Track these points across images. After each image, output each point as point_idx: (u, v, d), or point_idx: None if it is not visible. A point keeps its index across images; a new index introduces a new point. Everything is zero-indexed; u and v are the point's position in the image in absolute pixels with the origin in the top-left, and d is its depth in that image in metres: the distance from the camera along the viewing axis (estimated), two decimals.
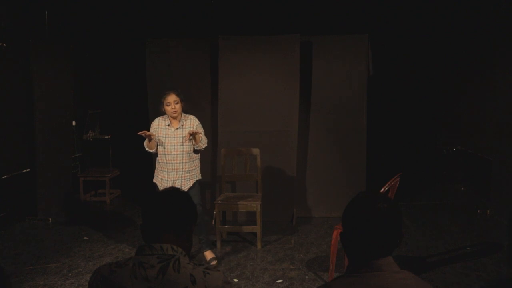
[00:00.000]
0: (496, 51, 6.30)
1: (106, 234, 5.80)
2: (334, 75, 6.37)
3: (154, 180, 4.91)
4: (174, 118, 4.74)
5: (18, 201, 6.15)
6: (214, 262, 4.88)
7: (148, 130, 4.85)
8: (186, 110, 4.91)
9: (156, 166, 4.88)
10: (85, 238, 5.68)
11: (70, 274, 4.65)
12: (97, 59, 7.68)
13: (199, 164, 4.96)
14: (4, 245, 5.46)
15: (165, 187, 4.62)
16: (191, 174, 4.83)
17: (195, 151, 4.85)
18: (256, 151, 5.67)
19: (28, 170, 6.31)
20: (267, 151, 6.07)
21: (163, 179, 4.79)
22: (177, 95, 4.71)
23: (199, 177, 4.94)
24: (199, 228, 4.96)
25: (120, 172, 7.59)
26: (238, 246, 5.43)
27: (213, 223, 5.77)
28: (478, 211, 6.46)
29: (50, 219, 6.31)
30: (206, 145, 4.86)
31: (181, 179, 4.76)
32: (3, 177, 5.91)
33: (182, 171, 4.75)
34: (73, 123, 7.22)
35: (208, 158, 6.55)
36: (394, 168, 5.41)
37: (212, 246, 5.19)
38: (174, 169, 4.73)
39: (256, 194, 5.65)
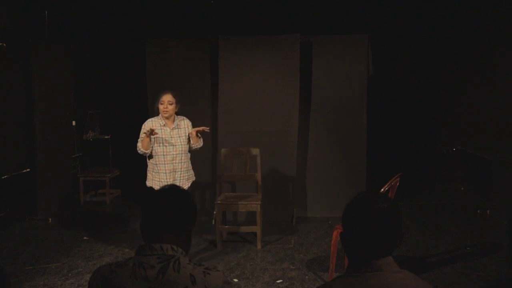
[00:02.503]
0: (496, 51, 6.30)
1: (106, 234, 5.80)
2: (334, 75, 6.37)
3: (149, 184, 4.79)
4: (167, 118, 4.71)
5: (18, 201, 6.15)
6: None
7: (140, 131, 4.79)
8: (181, 112, 4.90)
9: (150, 168, 4.78)
10: (85, 238, 5.68)
11: (70, 274, 4.65)
12: (97, 59, 7.67)
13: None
14: (4, 245, 5.46)
15: None
16: (188, 174, 4.86)
17: (189, 151, 4.85)
18: (256, 151, 5.67)
19: (28, 170, 6.31)
20: (267, 151, 6.07)
21: (161, 180, 4.71)
22: (173, 96, 4.72)
23: (194, 178, 4.97)
24: None
25: (120, 172, 7.59)
26: (238, 246, 5.43)
27: (213, 223, 5.77)
28: (478, 211, 6.46)
29: (50, 219, 6.31)
30: (202, 144, 4.88)
31: (180, 179, 4.76)
32: (3, 177, 5.91)
33: (181, 171, 4.75)
34: (73, 123, 7.22)
35: (208, 158, 6.55)
36: (394, 168, 5.41)
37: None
38: (174, 169, 4.70)
39: (256, 194, 5.65)
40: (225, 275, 1.77)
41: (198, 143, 4.80)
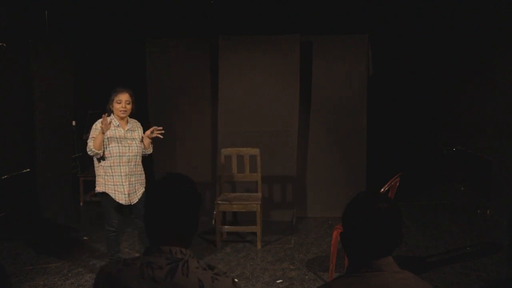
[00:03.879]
0: (496, 51, 6.30)
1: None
2: (334, 75, 6.37)
3: (101, 189, 4.39)
4: (121, 118, 4.42)
5: (18, 201, 6.15)
6: None
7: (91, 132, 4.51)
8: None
9: (102, 172, 4.38)
10: (85, 238, 5.68)
11: (70, 274, 4.65)
12: (97, 59, 7.67)
13: None
14: (4, 245, 5.46)
15: (122, 192, 4.30)
16: (141, 178, 4.53)
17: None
18: (256, 151, 5.66)
19: (28, 170, 6.31)
20: (267, 151, 6.07)
21: (117, 184, 4.35)
22: (131, 95, 4.45)
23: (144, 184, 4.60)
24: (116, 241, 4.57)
25: None
26: (238, 246, 5.43)
27: (213, 223, 5.77)
28: (478, 211, 6.46)
29: (50, 219, 6.30)
30: (152, 151, 4.62)
31: (135, 183, 4.42)
32: (3, 177, 5.91)
33: (135, 174, 4.43)
34: (73, 123, 7.22)
35: (208, 158, 6.55)
36: (394, 168, 5.41)
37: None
38: (129, 172, 4.37)
39: (256, 194, 5.65)
40: (234, 281, 1.76)
41: (148, 149, 4.52)
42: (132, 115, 4.56)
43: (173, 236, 1.75)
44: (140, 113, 6.84)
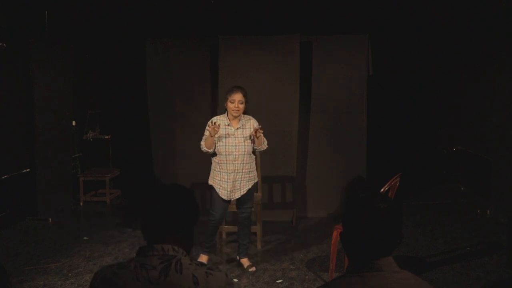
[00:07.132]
0: (496, 51, 6.30)
1: (106, 234, 5.80)
2: (334, 75, 6.37)
3: (210, 182, 4.72)
4: (235, 117, 4.56)
5: (18, 201, 6.15)
6: (252, 269, 4.75)
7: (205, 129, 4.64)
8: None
9: (213, 167, 4.69)
10: (85, 238, 5.68)
11: (70, 274, 4.65)
12: (97, 59, 7.67)
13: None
14: (4, 245, 5.46)
15: (225, 188, 4.53)
16: (250, 175, 4.69)
17: (254, 152, 4.73)
18: None
19: (28, 170, 6.30)
20: (267, 151, 6.04)
21: (222, 180, 4.60)
22: (244, 95, 4.55)
23: (256, 179, 4.83)
24: (244, 232, 4.84)
25: (120, 172, 7.59)
26: None
27: None
28: (478, 211, 6.45)
29: (50, 219, 6.31)
30: (267, 146, 4.73)
31: (241, 180, 4.62)
32: (3, 177, 5.91)
33: (242, 172, 4.60)
34: (73, 123, 7.22)
35: (208, 158, 6.53)
36: (394, 168, 5.41)
37: (249, 253, 5.00)
38: (235, 169, 4.56)
39: (256, 194, 5.64)
40: (228, 275, 1.77)
41: (260, 146, 4.64)
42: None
43: (166, 234, 1.77)
44: (140, 113, 6.88)
